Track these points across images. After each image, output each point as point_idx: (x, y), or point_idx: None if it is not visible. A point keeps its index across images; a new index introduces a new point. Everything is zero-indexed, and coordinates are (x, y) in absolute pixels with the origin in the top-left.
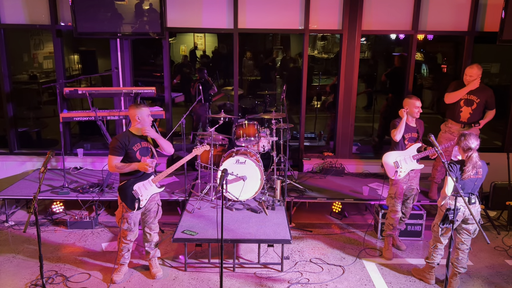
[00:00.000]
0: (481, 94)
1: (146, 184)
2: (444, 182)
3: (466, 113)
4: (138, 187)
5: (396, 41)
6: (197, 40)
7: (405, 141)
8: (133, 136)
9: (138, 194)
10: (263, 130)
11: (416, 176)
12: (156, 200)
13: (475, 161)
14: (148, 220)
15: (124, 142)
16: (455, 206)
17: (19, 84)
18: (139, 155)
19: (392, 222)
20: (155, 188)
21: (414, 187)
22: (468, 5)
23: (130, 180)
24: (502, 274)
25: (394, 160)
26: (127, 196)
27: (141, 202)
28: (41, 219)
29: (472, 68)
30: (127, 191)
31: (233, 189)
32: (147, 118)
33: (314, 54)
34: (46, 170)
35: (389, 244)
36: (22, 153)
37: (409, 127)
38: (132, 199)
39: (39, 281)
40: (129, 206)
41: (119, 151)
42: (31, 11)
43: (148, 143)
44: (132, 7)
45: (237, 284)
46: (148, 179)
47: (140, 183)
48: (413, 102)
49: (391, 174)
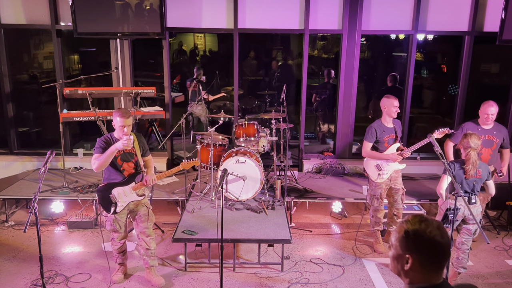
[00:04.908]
0: (499, 133)
1: (126, 190)
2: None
3: (487, 155)
4: (117, 192)
5: (396, 41)
6: (197, 40)
7: (385, 144)
8: (115, 141)
9: (115, 198)
10: (263, 130)
11: (398, 176)
12: (143, 203)
13: (474, 159)
14: (139, 224)
15: (105, 145)
16: (455, 206)
17: (19, 84)
18: (120, 160)
19: (378, 220)
20: (135, 196)
21: (399, 187)
22: (468, 5)
23: (110, 184)
24: (502, 274)
25: (375, 163)
26: (104, 198)
27: (117, 207)
28: (41, 219)
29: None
30: (105, 193)
31: (233, 189)
32: (118, 128)
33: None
34: (46, 170)
35: (379, 237)
36: (22, 153)
37: (387, 129)
38: (108, 202)
39: (39, 281)
40: (104, 208)
41: (101, 149)
42: (31, 11)
43: (132, 148)
44: (132, 7)
45: (237, 284)
46: (129, 185)
47: (119, 188)
48: (392, 102)
49: (374, 178)
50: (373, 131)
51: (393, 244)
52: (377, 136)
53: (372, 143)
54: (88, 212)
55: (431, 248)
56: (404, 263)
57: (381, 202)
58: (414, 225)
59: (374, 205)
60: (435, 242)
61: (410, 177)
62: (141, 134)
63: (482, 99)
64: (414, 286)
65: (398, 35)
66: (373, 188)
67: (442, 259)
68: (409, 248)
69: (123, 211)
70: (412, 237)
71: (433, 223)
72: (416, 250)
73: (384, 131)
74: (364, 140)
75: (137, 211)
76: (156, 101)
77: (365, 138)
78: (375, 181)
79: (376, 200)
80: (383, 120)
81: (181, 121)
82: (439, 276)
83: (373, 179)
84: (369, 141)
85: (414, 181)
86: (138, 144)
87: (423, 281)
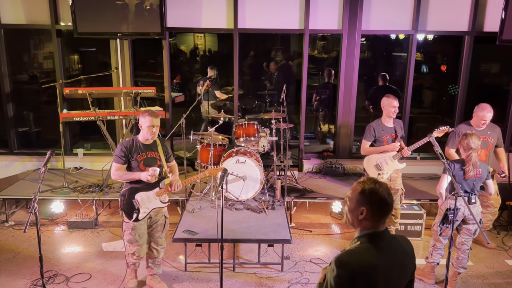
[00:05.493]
0: (493, 133)
1: (150, 195)
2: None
3: (483, 156)
4: (141, 197)
5: (396, 41)
6: (197, 40)
7: (384, 143)
8: (139, 144)
9: (138, 204)
10: (263, 130)
11: (398, 176)
12: (163, 212)
13: (474, 160)
14: (154, 234)
15: (127, 150)
16: (455, 206)
17: (19, 84)
18: (143, 165)
19: None
20: (159, 202)
21: (398, 188)
22: (468, 5)
23: (134, 188)
24: (502, 274)
25: (375, 163)
26: (127, 204)
27: (140, 214)
28: (41, 219)
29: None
30: (128, 199)
31: (233, 189)
32: (146, 129)
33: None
34: (46, 170)
35: None
36: (22, 153)
37: (386, 128)
38: (131, 208)
39: (39, 281)
40: (126, 215)
41: (122, 158)
42: (31, 11)
43: (156, 153)
44: (132, 7)
45: (237, 284)
46: (153, 191)
47: (143, 193)
48: (390, 102)
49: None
50: (372, 130)
51: (350, 199)
52: (375, 135)
53: (370, 142)
54: (88, 212)
55: (381, 203)
56: (359, 214)
57: None
58: (370, 185)
59: None
60: (384, 199)
61: (410, 177)
62: (165, 139)
63: (482, 99)
64: (364, 232)
65: (398, 35)
66: None
67: (386, 212)
68: (365, 202)
69: (144, 218)
70: (368, 194)
71: (383, 185)
72: (370, 204)
73: (383, 130)
74: (363, 139)
75: (156, 220)
76: (156, 101)
77: (364, 137)
78: None
79: None
80: (383, 119)
81: (181, 121)
82: (383, 226)
83: None
84: (367, 140)
85: (414, 181)
86: (162, 149)
87: (372, 228)
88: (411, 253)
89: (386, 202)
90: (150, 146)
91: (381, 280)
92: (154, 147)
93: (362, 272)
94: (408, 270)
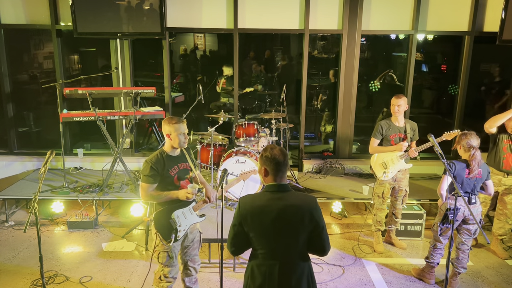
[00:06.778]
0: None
1: (185, 212)
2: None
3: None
4: (177, 215)
5: (396, 41)
6: (197, 40)
7: (391, 142)
8: (168, 157)
9: (176, 223)
10: (263, 130)
11: (404, 177)
12: (197, 228)
13: (479, 159)
14: (191, 252)
15: (158, 167)
16: (455, 206)
17: (19, 84)
18: (177, 179)
19: (379, 219)
20: (196, 217)
21: (403, 189)
22: (468, 5)
23: (168, 207)
24: (502, 274)
25: (381, 161)
26: (164, 225)
27: (178, 233)
28: (41, 219)
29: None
30: (164, 219)
31: (233, 189)
32: (178, 137)
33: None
34: (46, 170)
35: (379, 237)
36: (22, 153)
37: (395, 127)
38: (169, 229)
39: (39, 281)
40: (164, 237)
41: (154, 177)
42: (31, 11)
43: (186, 164)
44: (132, 7)
45: (237, 284)
46: (189, 206)
47: (179, 211)
48: (392, 100)
49: (379, 175)
50: (380, 128)
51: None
52: (383, 133)
53: (378, 140)
54: (88, 212)
55: (275, 162)
56: (263, 172)
57: (383, 201)
58: (266, 151)
59: (376, 204)
60: (276, 159)
61: (410, 177)
62: (188, 147)
63: (482, 99)
64: (268, 185)
65: (398, 35)
66: (377, 186)
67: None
68: (263, 163)
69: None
70: (264, 157)
71: (276, 148)
72: (266, 164)
73: (390, 128)
74: (371, 137)
75: (193, 238)
76: (156, 101)
77: (373, 135)
78: (380, 178)
79: (378, 198)
80: (393, 118)
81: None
82: (283, 180)
83: (378, 176)
84: (376, 138)
85: (414, 181)
86: (189, 158)
87: (272, 181)
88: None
89: (278, 161)
90: (179, 157)
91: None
92: (182, 157)
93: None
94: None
